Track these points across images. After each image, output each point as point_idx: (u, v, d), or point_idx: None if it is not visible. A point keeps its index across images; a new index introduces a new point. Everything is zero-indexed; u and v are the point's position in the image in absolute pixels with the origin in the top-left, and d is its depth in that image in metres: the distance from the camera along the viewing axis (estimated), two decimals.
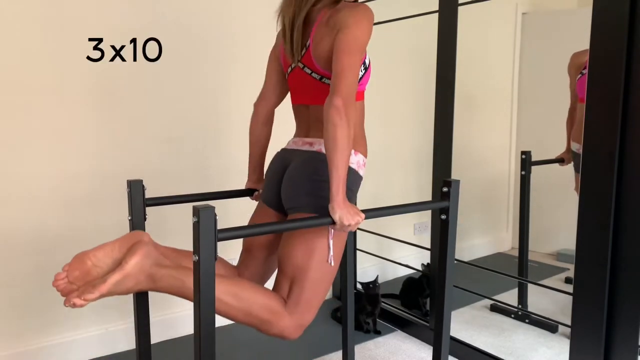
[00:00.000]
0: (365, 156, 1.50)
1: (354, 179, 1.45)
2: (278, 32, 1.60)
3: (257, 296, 1.36)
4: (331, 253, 1.40)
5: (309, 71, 1.45)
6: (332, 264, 1.41)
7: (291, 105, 1.58)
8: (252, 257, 1.60)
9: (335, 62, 1.31)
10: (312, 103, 1.48)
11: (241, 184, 2.48)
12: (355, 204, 1.46)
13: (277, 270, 1.49)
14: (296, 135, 1.57)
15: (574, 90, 2.14)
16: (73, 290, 1.30)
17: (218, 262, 1.52)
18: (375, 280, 2.40)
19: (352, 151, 1.45)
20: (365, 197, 2.76)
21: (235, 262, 2.55)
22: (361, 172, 1.48)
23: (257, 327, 1.38)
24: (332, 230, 1.39)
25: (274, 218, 1.58)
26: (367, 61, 1.46)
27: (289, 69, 1.52)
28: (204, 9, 2.35)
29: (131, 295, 2.25)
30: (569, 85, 2.15)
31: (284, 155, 1.55)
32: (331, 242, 1.40)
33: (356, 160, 1.45)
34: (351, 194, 1.44)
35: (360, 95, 1.47)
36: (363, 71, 1.45)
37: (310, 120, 1.51)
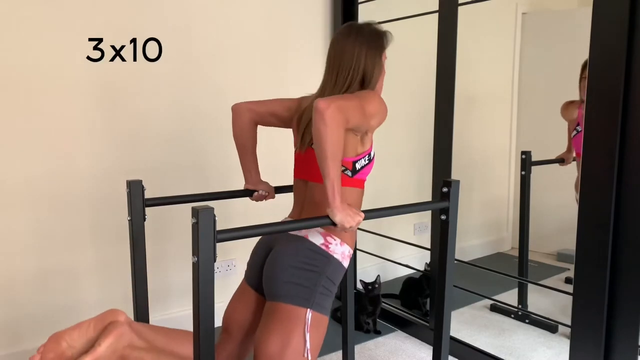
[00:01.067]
0: (352, 247, 1.48)
1: (335, 270, 1.42)
2: (301, 99, 1.61)
3: None
4: (307, 346, 1.36)
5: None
6: (309, 358, 1.37)
7: (293, 179, 1.58)
8: (230, 337, 1.56)
9: None
10: (312, 180, 1.48)
11: (240, 185, 2.47)
12: (333, 296, 1.44)
13: (253, 356, 1.44)
14: (290, 216, 1.56)
15: (570, 142, 2.17)
16: None
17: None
18: (376, 282, 2.39)
19: (339, 241, 1.43)
20: (366, 197, 2.75)
21: (233, 264, 2.55)
22: (345, 264, 1.46)
23: None
24: (309, 322, 1.36)
25: (254, 300, 1.53)
26: (372, 153, 1.47)
27: (299, 145, 1.53)
28: (204, 9, 2.34)
29: (131, 296, 2.26)
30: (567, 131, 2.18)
31: (272, 234, 1.52)
32: (308, 335, 1.36)
33: (341, 251, 1.43)
34: (330, 285, 1.41)
35: (358, 184, 1.47)
36: (367, 161, 1.45)
37: (305, 199, 1.51)
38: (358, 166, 1.43)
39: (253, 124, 1.64)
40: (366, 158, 1.44)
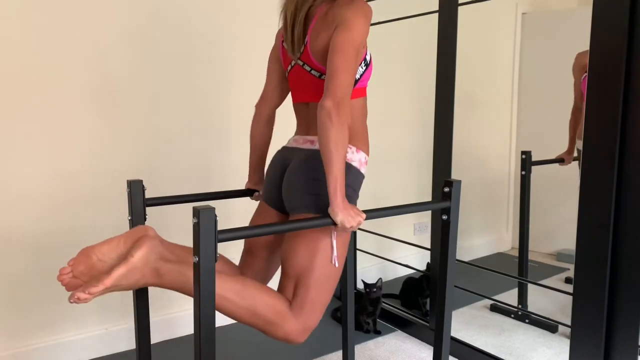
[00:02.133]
0: (368, 154, 1.48)
1: (355, 177, 1.43)
2: (277, 31, 1.59)
3: (262, 295, 1.34)
4: (335, 253, 1.39)
5: (308, 68, 1.44)
6: (337, 264, 1.40)
7: (292, 103, 1.57)
8: (253, 257, 1.59)
9: (329, 62, 1.30)
10: (312, 101, 1.47)
11: (241, 184, 2.47)
12: (356, 203, 1.46)
13: (281, 272, 1.47)
14: (297, 133, 1.56)
15: (579, 90, 2.14)
16: (77, 285, 1.30)
17: (220, 260, 1.51)
18: (377, 284, 2.39)
19: (354, 149, 1.43)
20: (365, 197, 2.75)
21: (235, 262, 2.55)
22: (363, 170, 1.46)
23: (262, 328, 1.36)
24: (335, 231, 1.38)
25: (275, 218, 1.57)
26: (368, 57, 1.44)
27: (289, 67, 1.51)
28: (205, 9, 2.34)
29: (131, 296, 2.25)
30: (574, 85, 2.15)
31: (284, 153, 1.54)
32: (334, 242, 1.39)
33: (358, 159, 1.44)
34: (352, 193, 1.43)
35: (361, 92, 1.45)
36: (364, 67, 1.43)
37: (310, 118, 1.50)
38: (357, 75, 1.42)
39: (270, 120, 1.65)
40: (363, 64, 1.43)
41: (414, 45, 2.74)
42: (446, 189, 1.50)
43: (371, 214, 1.35)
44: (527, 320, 2.36)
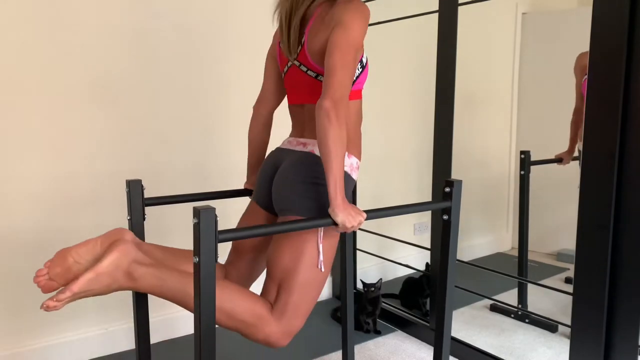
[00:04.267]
0: (359, 159, 1.47)
1: (346, 182, 1.42)
2: (275, 32, 1.59)
3: (241, 298, 1.33)
4: (321, 258, 1.37)
5: (304, 69, 1.43)
6: (322, 269, 1.38)
7: (287, 105, 1.57)
8: (240, 257, 1.58)
9: (327, 61, 1.29)
10: (307, 102, 1.46)
11: (241, 184, 2.47)
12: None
13: (265, 274, 1.46)
14: (291, 135, 1.55)
15: (580, 91, 2.13)
16: (53, 287, 1.29)
17: None
18: (377, 284, 2.39)
19: (346, 153, 1.42)
20: (366, 197, 2.76)
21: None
22: (354, 176, 1.45)
23: (241, 331, 1.35)
24: (321, 234, 1.37)
25: (264, 218, 1.55)
26: (364, 60, 1.43)
27: (285, 68, 1.50)
28: (204, 9, 2.34)
29: (131, 296, 2.25)
30: (575, 85, 2.15)
31: (277, 154, 1.53)
32: (321, 246, 1.37)
33: (349, 163, 1.43)
34: None
35: (356, 95, 1.44)
36: (360, 70, 1.42)
37: (305, 120, 1.49)
38: (354, 77, 1.41)
39: (268, 122, 1.65)
40: (359, 67, 1.42)
41: (414, 45, 2.74)
42: (447, 189, 1.50)
43: (371, 214, 1.35)
44: (527, 320, 2.36)
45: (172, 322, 2.40)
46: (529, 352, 2.17)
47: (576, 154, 2.21)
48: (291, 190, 1.39)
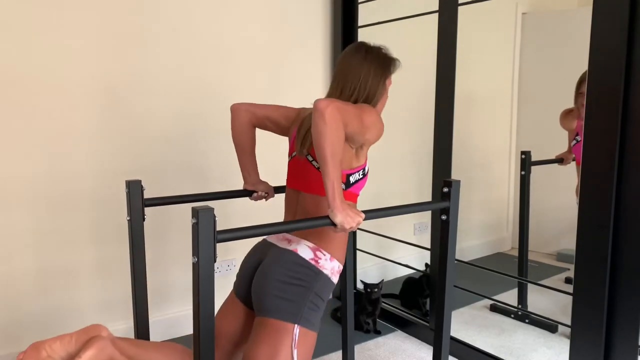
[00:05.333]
0: (342, 263, 1.48)
1: (325, 285, 1.42)
2: (300, 110, 1.61)
3: None
4: None
5: (310, 158, 1.46)
6: None
7: (285, 188, 1.58)
8: (218, 348, 1.55)
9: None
10: (304, 190, 1.48)
11: (240, 185, 2.47)
12: (321, 312, 1.44)
13: None
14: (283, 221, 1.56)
15: (569, 148, 2.18)
16: None
17: (184, 352, 1.47)
18: (378, 285, 2.39)
19: (329, 256, 1.43)
20: (366, 197, 2.75)
21: (233, 264, 2.55)
22: (334, 279, 1.46)
23: None
24: (296, 338, 1.36)
25: (243, 312, 1.53)
26: (366, 168, 1.47)
27: (294, 154, 1.53)
28: (204, 10, 2.34)
29: (131, 296, 2.25)
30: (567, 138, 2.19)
31: (262, 247, 1.53)
32: (295, 352, 1.36)
33: (330, 267, 1.43)
34: (319, 302, 1.41)
35: (352, 198, 1.47)
36: (361, 176, 1.45)
37: (297, 210, 1.51)
38: (352, 180, 1.44)
39: (251, 125, 1.65)
40: (360, 173, 1.45)
41: (413, 45, 2.74)
42: (445, 189, 1.50)
43: (371, 214, 1.35)
44: (527, 320, 2.36)
45: (172, 322, 2.40)
46: (529, 352, 2.16)
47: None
48: (269, 289, 1.39)
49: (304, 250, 1.41)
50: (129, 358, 1.35)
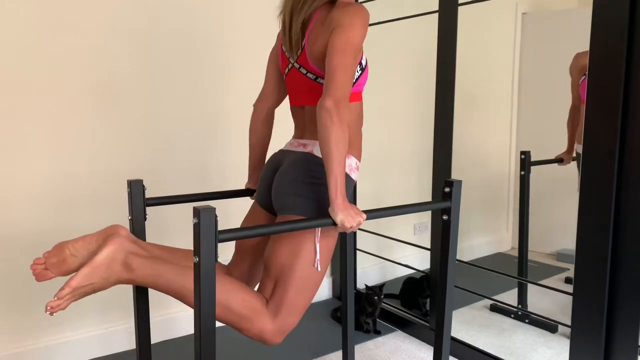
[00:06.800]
0: (359, 159, 1.48)
1: (345, 183, 1.42)
2: (278, 33, 1.60)
3: (236, 291, 1.35)
4: (317, 257, 1.38)
5: (304, 71, 1.44)
6: (319, 268, 1.39)
7: (289, 107, 1.57)
8: (241, 258, 1.59)
9: (328, 62, 1.30)
10: (308, 104, 1.47)
11: (241, 184, 2.48)
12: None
13: (263, 271, 1.47)
14: (293, 137, 1.57)
15: (577, 91, 2.14)
16: (47, 276, 1.34)
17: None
18: (380, 287, 2.39)
19: None
20: (366, 197, 2.76)
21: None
22: (353, 176, 1.46)
23: (235, 325, 1.35)
24: (318, 233, 1.37)
25: (265, 218, 1.56)
26: (363, 62, 1.44)
27: (287, 70, 1.51)
28: (204, 9, 2.34)
29: (131, 295, 2.25)
30: (571, 85, 2.15)
31: (278, 156, 1.54)
32: (318, 246, 1.38)
33: (348, 164, 1.43)
34: None
35: (356, 97, 1.45)
36: (360, 72, 1.43)
37: (306, 121, 1.50)
38: (354, 79, 1.42)
39: (268, 118, 1.66)
40: (359, 68, 1.43)
41: (414, 45, 2.74)
42: (446, 189, 1.50)
43: (371, 214, 1.35)
44: (527, 320, 2.36)
45: (172, 322, 2.40)
46: (529, 352, 2.17)
47: (574, 155, 2.21)
48: (290, 188, 1.40)
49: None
50: (151, 254, 1.38)
